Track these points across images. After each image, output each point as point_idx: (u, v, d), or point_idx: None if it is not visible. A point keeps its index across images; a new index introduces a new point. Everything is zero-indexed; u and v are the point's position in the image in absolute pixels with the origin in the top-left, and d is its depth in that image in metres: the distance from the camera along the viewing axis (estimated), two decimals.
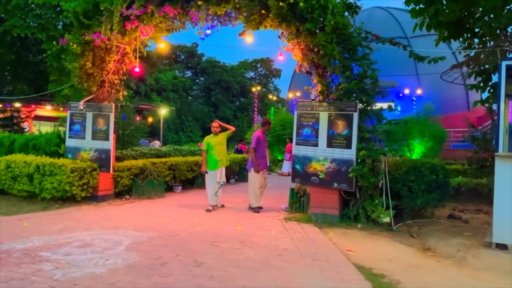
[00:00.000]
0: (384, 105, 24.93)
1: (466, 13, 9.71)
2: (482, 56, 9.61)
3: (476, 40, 10.08)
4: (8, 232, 6.00)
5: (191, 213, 7.88)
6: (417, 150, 15.63)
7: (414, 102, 22.22)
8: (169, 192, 10.68)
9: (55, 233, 6.06)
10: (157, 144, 20.77)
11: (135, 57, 9.04)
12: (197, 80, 54.20)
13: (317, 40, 6.57)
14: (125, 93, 9.50)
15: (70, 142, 9.26)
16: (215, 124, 8.65)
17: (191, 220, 7.28)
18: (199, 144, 24.40)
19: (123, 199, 9.39)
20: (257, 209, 8.27)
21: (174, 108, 39.06)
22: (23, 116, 22.86)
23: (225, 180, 8.63)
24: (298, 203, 8.10)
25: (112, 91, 9.24)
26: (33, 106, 26.52)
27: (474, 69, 9.92)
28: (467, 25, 9.92)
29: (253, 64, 56.65)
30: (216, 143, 8.42)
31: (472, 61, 10.02)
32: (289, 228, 6.71)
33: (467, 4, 9.18)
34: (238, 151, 16.90)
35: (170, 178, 10.82)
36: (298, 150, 7.43)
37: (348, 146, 6.93)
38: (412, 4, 9.55)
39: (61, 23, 14.43)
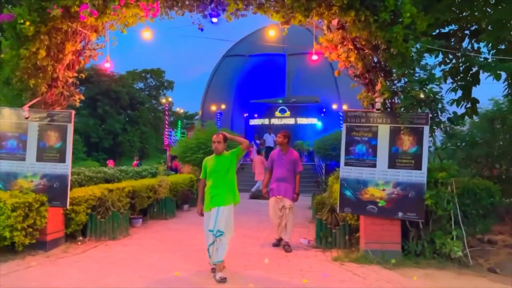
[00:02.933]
0: (313, 120, 24.28)
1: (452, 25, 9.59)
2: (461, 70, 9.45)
3: (450, 56, 9.86)
4: None
5: (202, 259, 5.64)
6: None
7: (341, 118, 22.26)
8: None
9: None
10: None
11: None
12: (78, 90, 48.53)
13: (393, 34, 5.24)
14: (82, 96, 6.93)
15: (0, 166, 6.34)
16: (215, 137, 5.25)
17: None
18: (134, 163, 19.81)
19: (78, 243, 6.77)
20: (275, 242, 6.77)
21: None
22: None
23: (221, 229, 4.88)
24: (330, 237, 6.58)
25: (65, 93, 6.66)
26: None
27: (453, 84, 9.71)
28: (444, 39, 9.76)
29: (143, 74, 52.76)
30: (215, 168, 5.20)
31: (449, 75, 9.80)
32: (361, 274, 5.16)
33: (468, 13, 8.99)
34: (173, 170, 14.57)
35: (127, 208, 8.30)
36: (349, 172, 5.93)
37: (417, 167, 5.69)
38: None
39: None
